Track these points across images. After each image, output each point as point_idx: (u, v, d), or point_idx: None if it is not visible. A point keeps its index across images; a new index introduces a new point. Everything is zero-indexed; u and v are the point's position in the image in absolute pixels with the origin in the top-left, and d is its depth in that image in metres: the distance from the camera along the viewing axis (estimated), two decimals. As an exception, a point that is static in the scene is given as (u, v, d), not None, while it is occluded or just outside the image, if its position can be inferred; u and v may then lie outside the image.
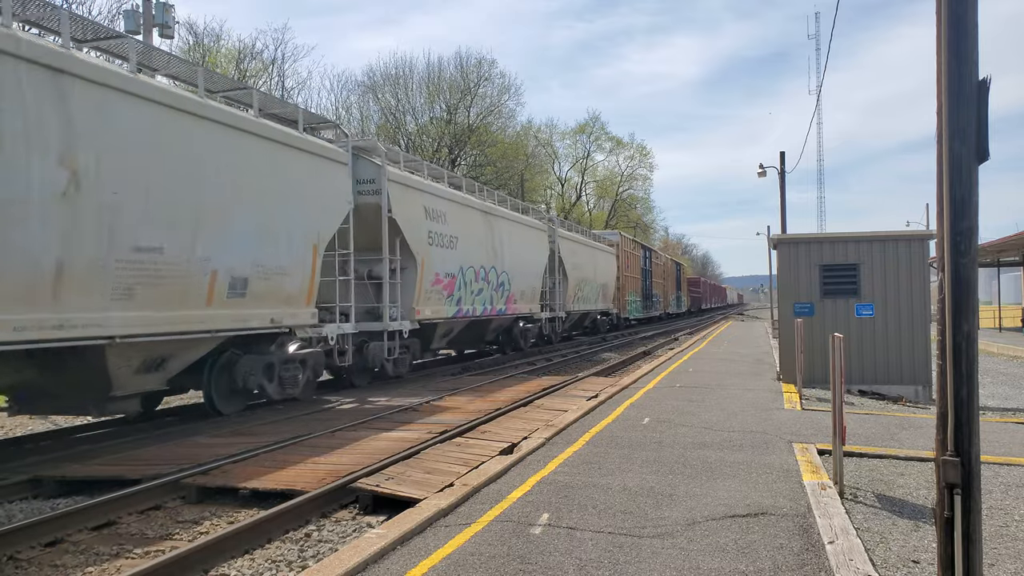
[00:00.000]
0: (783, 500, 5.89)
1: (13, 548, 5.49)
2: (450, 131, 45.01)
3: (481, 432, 9.14)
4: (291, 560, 5.30)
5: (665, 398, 11.73)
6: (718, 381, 14.16)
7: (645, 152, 71.13)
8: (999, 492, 6.30)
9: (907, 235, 13.99)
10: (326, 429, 9.44)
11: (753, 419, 9.71)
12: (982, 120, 3.09)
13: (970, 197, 3.12)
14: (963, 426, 3.10)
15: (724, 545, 4.86)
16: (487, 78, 48.16)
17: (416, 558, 4.69)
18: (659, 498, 5.97)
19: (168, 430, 10.28)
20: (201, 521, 6.24)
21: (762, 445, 8.03)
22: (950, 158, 3.13)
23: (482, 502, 5.92)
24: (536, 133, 61.92)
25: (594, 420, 9.63)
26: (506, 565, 4.54)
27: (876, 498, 6.12)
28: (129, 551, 5.55)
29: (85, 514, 6.13)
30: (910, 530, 5.29)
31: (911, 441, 8.43)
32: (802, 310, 13.81)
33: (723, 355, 20.84)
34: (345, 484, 6.74)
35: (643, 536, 5.05)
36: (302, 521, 6.12)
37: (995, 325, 37.94)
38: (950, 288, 3.14)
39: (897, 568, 4.56)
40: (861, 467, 7.21)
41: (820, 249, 13.95)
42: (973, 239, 3.14)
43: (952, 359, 3.13)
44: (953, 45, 3.11)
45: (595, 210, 70.51)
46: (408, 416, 10.57)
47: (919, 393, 13.38)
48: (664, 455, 7.54)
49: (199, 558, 5.10)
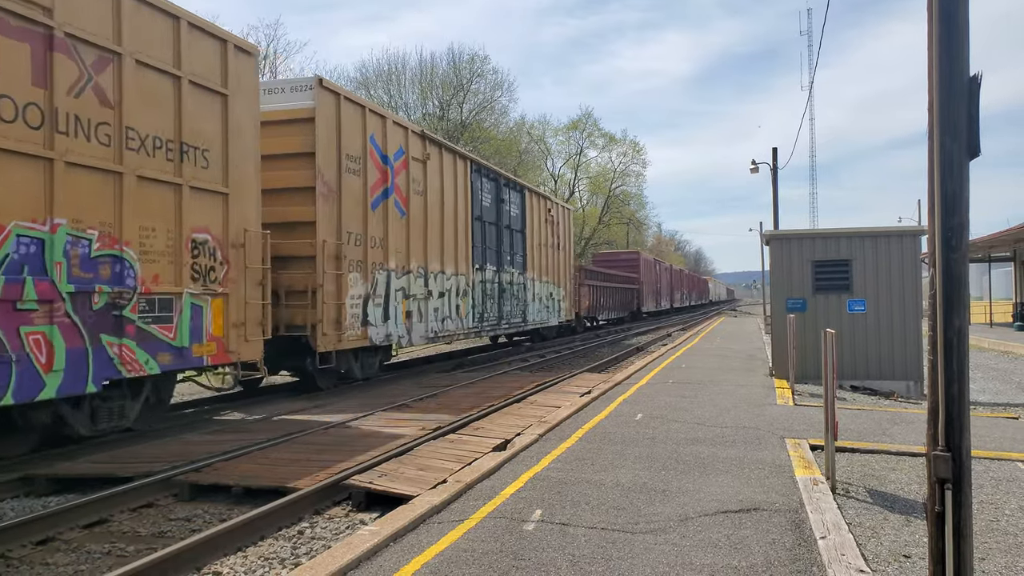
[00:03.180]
0: (775, 495, 5.91)
1: (4, 547, 5.46)
2: (443, 127, 44.89)
3: (474, 429, 9.14)
4: (284, 557, 5.30)
5: (658, 394, 11.75)
6: (711, 377, 14.19)
7: (638, 148, 71.06)
8: (990, 487, 6.34)
9: (899, 231, 14.03)
10: (319, 427, 9.43)
11: (746, 415, 9.73)
12: (973, 116, 3.10)
13: (961, 193, 3.13)
14: (954, 421, 3.12)
15: (717, 541, 4.87)
16: (480, 74, 48.15)
17: (409, 555, 4.69)
18: (652, 494, 5.98)
19: (160, 428, 10.25)
20: (193, 518, 6.23)
21: (754, 441, 8.05)
22: (941, 154, 3.13)
23: (475, 498, 5.92)
24: (529, 129, 61.87)
25: (587, 416, 9.65)
26: (499, 561, 4.54)
27: (868, 493, 6.15)
28: (121, 549, 5.53)
29: (77, 512, 6.10)
30: (902, 525, 5.32)
31: (903, 436, 8.47)
32: (794, 306, 13.86)
33: (716, 351, 20.89)
34: (338, 481, 6.73)
35: (636, 532, 5.06)
36: (295, 518, 6.11)
37: (986, 320, 38.14)
38: (941, 283, 3.15)
39: (888, 563, 4.58)
40: (853, 462, 7.24)
41: (812, 245, 13.99)
42: (964, 235, 3.14)
43: (943, 354, 3.14)
44: (944, 42, 3.11)
45: (588, 206, 70.49)
46: (401, 413, 10.56)
47: (911, 388, 13.43)
48: (657, 451, 7.56)
49: (192, 555, 5.08)
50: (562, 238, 27.69)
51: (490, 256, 20.14)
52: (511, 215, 21.96)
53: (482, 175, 19.96)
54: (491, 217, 20.30)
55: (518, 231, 22.57)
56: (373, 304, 14.20)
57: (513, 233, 21.99)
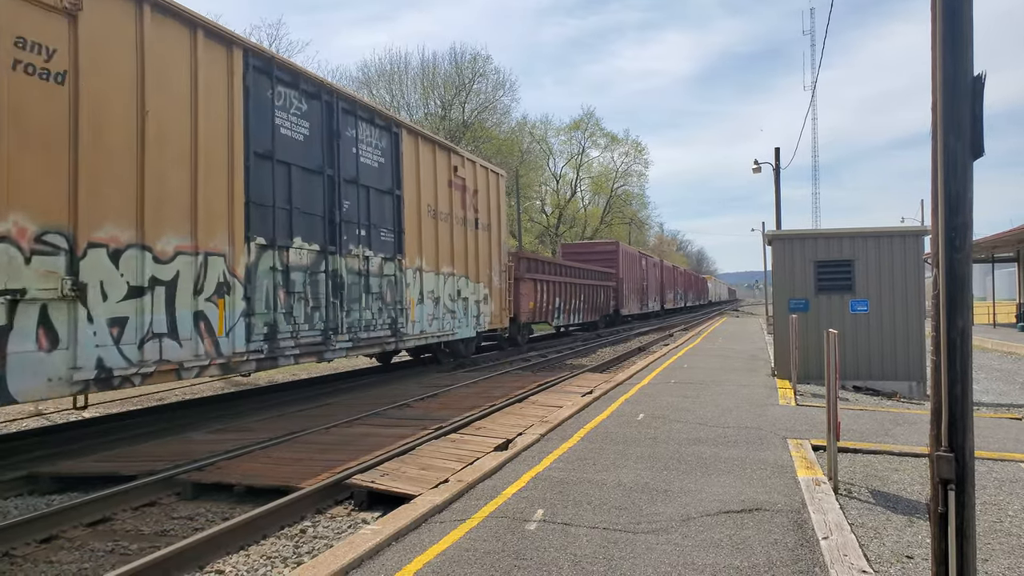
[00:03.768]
0: (777, 496, 5.90)
1: (8, 544, 5.48)
2: (445, 127, 44.90)
3: (476, 428, 9.15)
4: (286, 556, 5.30)
5: (660, 394, 11.74)
6: (713, 377, 14.18)
7: (640, 148, 71.10)
8: (993, 487, 6.33)
9: (901, 231, 14.00)
10: (320, 425, 9.44)
11: (748, 415, 9.73)
12: (977, 116, 3.09)
13: (964, 193, 3.12)
14: (957, 422, 3.11)
15: (719, 541, 4.87)
16: (482, 74, 48.20)
17: (411, 554, 4.70)
18: (654, 494, 5.98)
19: (162, 426, 10.26)
20: (196, 517, 6.23)
21: (757, 441, 8.05)
22: (945, 154, 3.13)
23: (477, 498, 5.92)
24: (531, 129, 61.93)
25: (589, 416, 9.64)
26: (501, 561, 4.54)
27: (870, 494, 6.14)
28: (124, 547, 5.54)
29: (80, 510, 6.12)
30: (904, 525, 5.31)
31: (905, 437, 8.46)
32: (797, 306, 13.85)
33: (718, 351, 20.87)
34: (340, 480, 6.74)
35: (638, 532, 5.06)
36: (297, 517, 6.12)
37: (989, 321, 38.06)
38: (944, 284, 3.14)
39: (891, 563, 4.57)
40: (855, 463, 7.23)
41: (815, 245, 13.97)
42: (967, 235, 3.14)
43: (946, 355, 3.13)
44: (948, 41, 3.10)
45: (590, 207, 70.52)
46: (403, 412, 10.56)
47: (913, 389, 13.42)
48: (659, 451, 7.55)
49: (194, 554, 5.09)
50: (484, 213, 19.04)
51: (302, 226, 11.46)
52: (366, 164, 13.38)
53: (280, 82, 11.08)
54: (308, 160, 11.68)
55: (384, 192, 13.96)
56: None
57: (371, 194, 13.50)
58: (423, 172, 15.61)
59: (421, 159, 15.54)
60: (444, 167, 16.79)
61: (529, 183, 57.66)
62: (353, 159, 12.98)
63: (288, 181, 11.18)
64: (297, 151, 11.40)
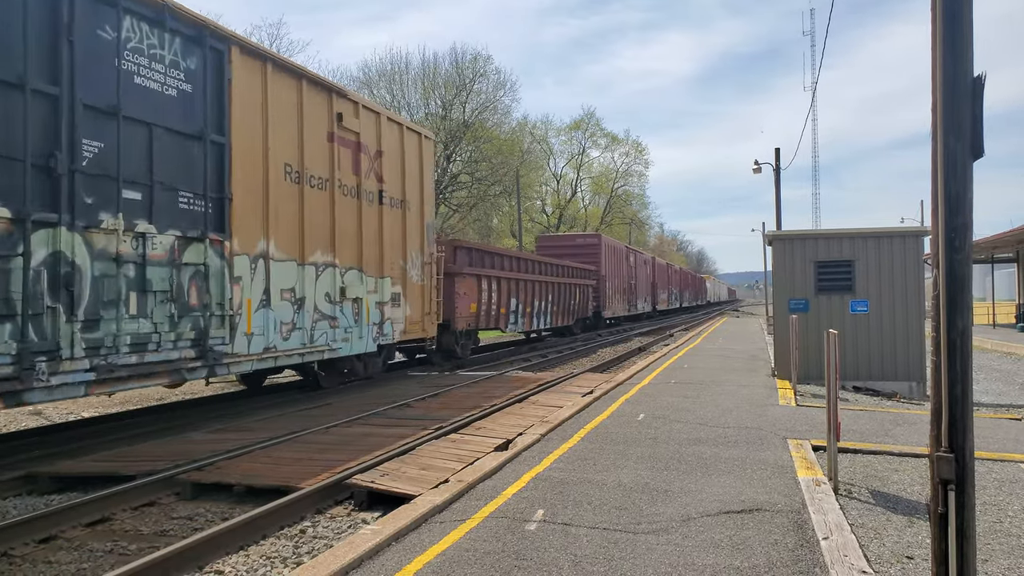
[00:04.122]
0: (777, 496, 5.90)
1: (7, 545, 5.47)
2: (445, 127, 44.89)
3: (476, 428, 9.14)
4: (286, 556, 5.30)
5: (660, 394, 11.74)
6: (713, 377, 14.18)
7: (640, 148, 71.15)
8: (993, 488, 6.32)
9: (901, 231, 13.99)
10: (320, 425, 9.43)
11: (748, 415, 9.72)
12: (977, 117, 3.09)
13: (964, 193, 3.12)
14: (957, 422, 3.11)
15: (719, 541, 4.87)
16: (482, 74, 48.12)
17: (411, 554, 4.69)
18: (654, 494, 5.98)
19: (162, 426, 10.26)
20: (196, 517, 6.23)
21: (757, 441, 8.04)
22: (945, 154, 3.12)
23: (477, 498, 5.92)
24: (532, 129, 61.96)
25: (589, 416, 9.64)
26: (501, 561, 4.54)
27: (870, 494, 6.14)
28: (123, 547, 5.54)
29: (79, 510, 6.11)
30: (904, 526, 5.31)
31: (905, 437, 8.45)
32: (797, 306, 13.84)
33: (718, 351, 20.87)
34: (340, 480, 6.74)
35: (638, 532, 5.05)
36: (297, 517, 6.12)
37: (989, 321, 38.06)
38: (944, 284, 3.14)
39: (891, 563, 4.57)
40: (856, 463, 7.23)
41: (815, 245, 13.97)
42: (967, 235, 3.14)
43: (946, 355, 3.13)
44: (948, 42, 3.10)
45: (591, 207, 70.54)
46: (403, 412, 10.56)
47: (913, 389, 13.41)
48: (659, 451, 7.55)
49: (194, 554, 5.09)
50: (395, 184, 14.32)
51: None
52: (146, 88, 8.58)
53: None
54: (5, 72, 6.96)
55: (188, 137, 9.18)
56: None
57: (158, 137, 8.70)
58: (277, 115, 10.90)
59: (272, 96, 10.79)
60: (321, 113, 12.01)
61: (530, 183, 57.68)
62: (113, 76, 8.11)
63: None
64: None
